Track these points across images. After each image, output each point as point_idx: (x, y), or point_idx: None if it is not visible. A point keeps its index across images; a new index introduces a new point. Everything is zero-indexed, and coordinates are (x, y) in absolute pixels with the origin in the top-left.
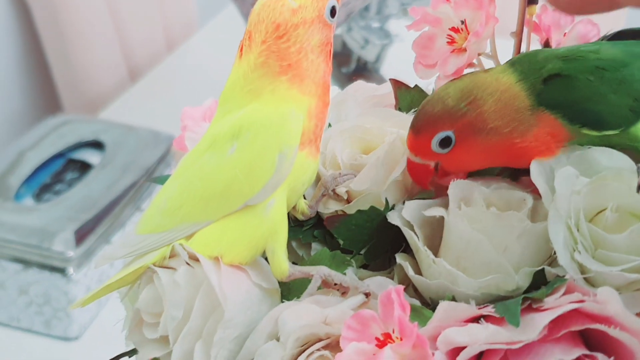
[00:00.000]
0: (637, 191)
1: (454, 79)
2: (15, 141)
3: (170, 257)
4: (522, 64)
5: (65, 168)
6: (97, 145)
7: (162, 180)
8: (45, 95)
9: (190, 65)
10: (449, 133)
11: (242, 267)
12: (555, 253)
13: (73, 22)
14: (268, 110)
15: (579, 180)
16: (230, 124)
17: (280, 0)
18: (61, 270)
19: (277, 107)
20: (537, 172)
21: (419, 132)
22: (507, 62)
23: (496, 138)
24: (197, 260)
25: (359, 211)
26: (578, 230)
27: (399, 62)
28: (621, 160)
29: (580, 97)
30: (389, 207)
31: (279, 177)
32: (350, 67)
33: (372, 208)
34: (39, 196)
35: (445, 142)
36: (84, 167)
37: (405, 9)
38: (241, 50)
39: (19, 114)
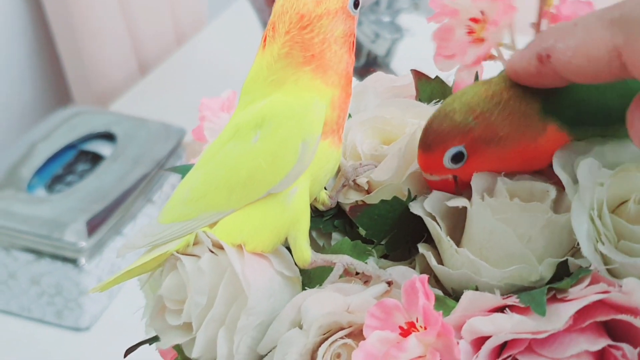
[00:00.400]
0: None
1: (457, 94)
2: (26, 133)
3: (193, 245)
4: None
5: (76, 159)
6: (108, 136)
7: (180, 169)
8: (56, 87)
9: (200, 59)
10: (460, 148)
11: (265, 255)
12: (578, 244)
13: (84, 15)
14: (291, 100)
15: (601, 171)
16: (253, 113)
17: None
18: (73, 261)
19: (300, 97)
20: (559, 164)
21: (429, 150)
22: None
23: (509, 145)
24: (220, 248)
25: (382, 201)
26: (601, 221)
27: (410, 57)
28: None
29: (579, 100)
30: (411, 198)
31: (302, 165)
32: (360, 61)
33: (395, 198)
34: (50, 187)
35: (457, 158)
36: (96, 159)
37: (416, 4)
38: (265, 41)
39: (30, 106)
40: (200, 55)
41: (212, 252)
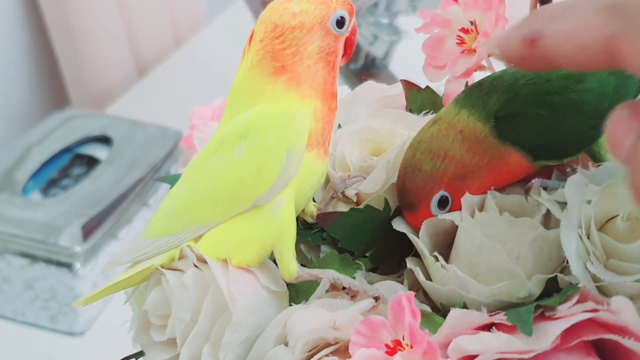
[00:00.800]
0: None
1: (412, 143)
2: (22, 135)
3: (179, 259)
4: (468, 99)
5: (72, 163)
6: (104, 140)
7: (169, 179)
8: (53, 89)
9: (198, 61)
10: (442, 193)
11: (251, 270)
12: (567, 262)
13: (82, 16)
14: (275, 110)
15: (588, 188)
16: (238, 124)
17: (285, 3)
18: (67, 266)
19: (284, 107)
20: (538, 184)
21: (414, 209)
22: (451, 102)
23: (483, 173)
24: (205, 262)
25: (352, 209)
26: (590, 239)
27: (408, 59)
28: None
29: (534, 135)
30: (389, 208)
31: (287, 176)
32: (358, 63)
33: (368, 207)
34: (45, 191)
35: (443, 203)
36: (91, 162)
37: (415, 6)
38: (244, 51)
39: (27, 108)
40: (199, 57)
41: (196, 266)
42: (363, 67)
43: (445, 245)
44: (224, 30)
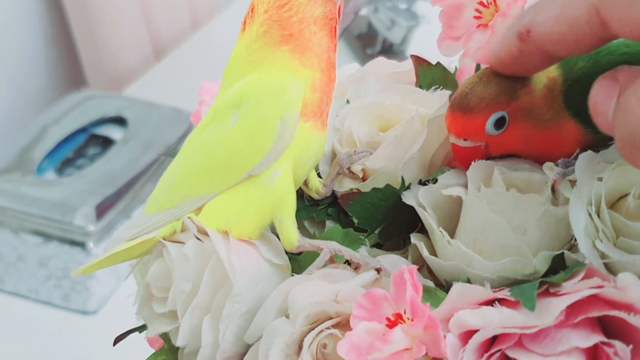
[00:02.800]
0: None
1: None
2: (38, 115)
3: (180, 232)
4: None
5: (87, 143)
6: (119, 121)
7: (174, 154)
8: (70, 70)
9: (215, 45)
10: (504, 113)
11: (252, 242)
12: (575, 240)
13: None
14: (268, 79)
15: (600, 165)
16: (231, 94)
17: None
18: (81, 245)
19: (277, 76)
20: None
21: (470, 112)
22: None
23: (541, 126)
24: (206, 234)
25: (374, 189)
26: (599, 217)
27: (425, 44)
28: None
29: None
30: (404, 186)
31: (282, 144)
32: (375, 48)
33: (388, 186)
34: (60, 170)
35: (500, 123)
36: (106, 143)
37: None
38: (244, 24)
39: (44, 88)
40: (216, 40)
41: (197, 238)
42: (380, 52)
43: (451, 220)
44: (241, 14)
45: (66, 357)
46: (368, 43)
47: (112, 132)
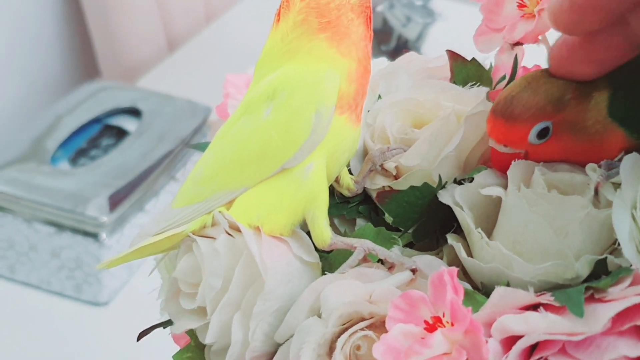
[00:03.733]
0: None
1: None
2: (52, 105)
3: (211, 226)
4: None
5: (101, 134)
6: (134, 112)
7: (202, 146)
8: (84, 61)
9: (229, 37)
10: (549, 124)
11: (284, 239)
12: (618, 244)
13: None
14: (303, 70)
15: None
16: (264, 86)
17: None
18: (94, 236)
19: (312, 66)
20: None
21: (514, 120)
22: None
23: (584, 138)
24: (237, 229)
25: (411, 187)
26: None
27: (441, 42)
28: None
29: None
30: (441, 184)
31: (316, 137)
32: (390, 45)
33: (425, 185)
34: (74, 160)
35: (543, 133)
36: (120, 134)
37: None
38: (278, 15)
39: (58, 78)
40: (230, 33)
41: (228, 234)
42: (395, 49)
43: (488, 221)
44: (255, 7)
45: (77, 348)
46: (383, 39)
47: (126, 123)
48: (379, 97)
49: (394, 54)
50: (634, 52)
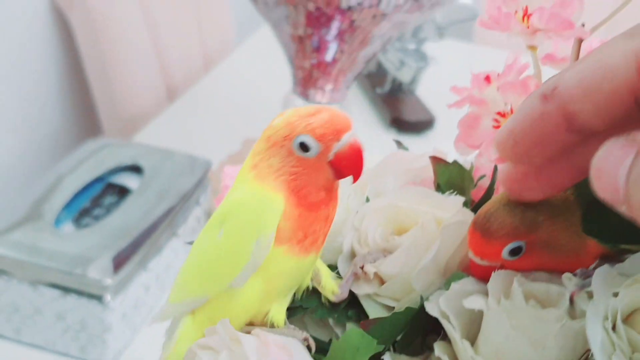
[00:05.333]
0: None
1: None
2: (54, 165)
3: (212, 334)
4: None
5: (104, 192)
6: (135, 169)
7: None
8: (85, 114)
9: (227, 85)
10: (522, 243)
11: (287, 347)
12: (592, 353)
13: (113, 42)
14: (250, 200)
15: (616, 280)
16: (221, 208)
17: (278, 116)
18: (98, 298)
19: (258, 198)
20: (581, 274)
21: (490, 237)
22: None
23: (559, 254)
24: (238, 341)
25: (394, 314)
26: (616, 333)
27: (434, 84)
28: None
29: (618, 227)
30: (422, 302)
31: (256, 262)
32: (385, 88)
33: (408, 309)
34: (78, 220)
35: (515, 251)
36: (122, 192)
37: (442, 33)
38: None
39: (59, 135)
40: (228, 80)
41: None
42: (390, 92)
43: (472, 325)
44: (252, 54)
45: None
46: (378, 83)
47: (128, 180)
48: (367, 199)
49: (388, 97)
50: (583, 175)
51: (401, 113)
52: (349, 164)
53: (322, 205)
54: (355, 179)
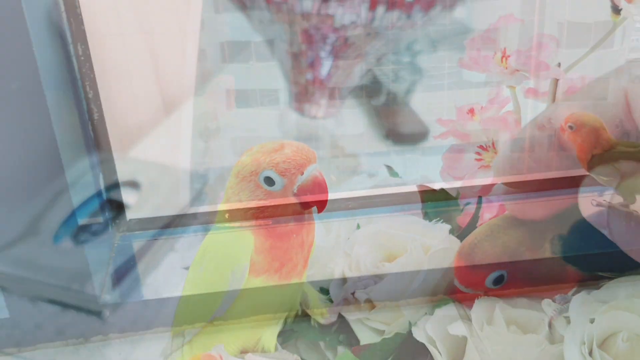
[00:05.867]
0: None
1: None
2: (52, 181)
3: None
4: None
5: (102, 207)
6: (132, 184)
7: None
8: (83, 131)
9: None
10: (504, 272)
11: None
12: None
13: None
14: (223, 238)
15: (592, 306)
16: (202, 245)
17: (246, 152)
18: (97, 313)
19: (229, 235)
20: (560, 301)
21: (474, 267)
22: None
23: (539, 282)
24: None
25: (383, 340)
26: (591, 356)
27: (429, 97)
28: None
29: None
30: (410, 328)
31: (232, 294)
32: (379, 100)
33: (397, 335)
34: (76, 237)
35: (498, 280)
36: (120, 207)
37: (436, 46)
38: None
39: (57, 150)
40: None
41: None
42: (385, 104)
43: (458, 348)
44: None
45: None
46: (372, 95)
47: (126, 195)
48: (358, 226)
49: (383, 109)
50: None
51: (396, 125)
52: (312, 196)
53: (293, 234)
54: (320, 210)
